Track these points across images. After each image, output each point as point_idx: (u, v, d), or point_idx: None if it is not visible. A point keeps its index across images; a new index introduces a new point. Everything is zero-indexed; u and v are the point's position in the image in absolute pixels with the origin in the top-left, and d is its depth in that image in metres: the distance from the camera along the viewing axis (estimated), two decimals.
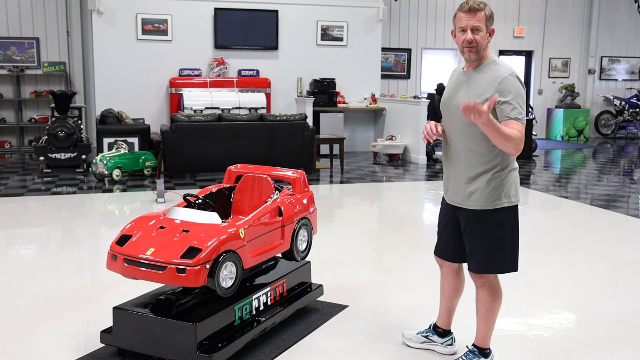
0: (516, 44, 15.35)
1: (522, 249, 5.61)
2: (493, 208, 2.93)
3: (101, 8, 10.79)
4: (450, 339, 3.40)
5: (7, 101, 12.00)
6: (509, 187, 2.94)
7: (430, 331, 3.43)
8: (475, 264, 3.04)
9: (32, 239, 5.97)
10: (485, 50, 2.93)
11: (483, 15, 2.85)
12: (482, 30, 2.86)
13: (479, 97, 2.85)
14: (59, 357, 3.27)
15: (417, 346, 3.42)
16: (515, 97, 2.81)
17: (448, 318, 3.40)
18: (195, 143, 8.82)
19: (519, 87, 2.84)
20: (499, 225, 2.95)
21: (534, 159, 11.84)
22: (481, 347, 3.15)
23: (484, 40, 2.89)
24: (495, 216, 2.94)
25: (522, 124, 2.79)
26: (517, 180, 3.01)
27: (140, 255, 3.02)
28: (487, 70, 2.89)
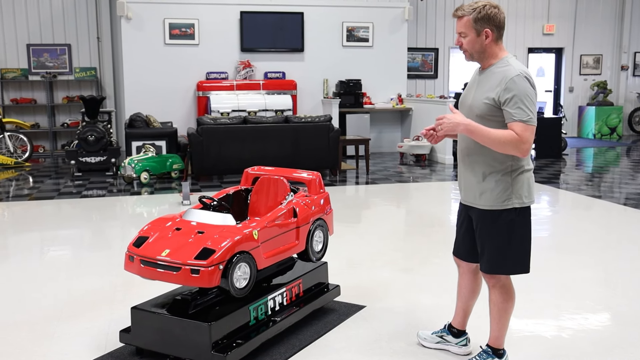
0: (546, 41, 15.14)
1: (548, 249, 5.60)
2: (503, 208, 2.92)
3: (130, 14, 10.99)
4: (464, 339, 3.40)
5: (41, 106, 12.31)
6: (520, 188, 2.92)
7: (445, 331, 3.43)
8: (485, 264, 3.03)
9: (61, 241, 6.12)
10: (488, 51, 2.92)
11: (467, 20, 2.90)
12: (468, 35, 2.91)
13: (483, 96, 2.87)
14: (79, 355, 3.36)
15: (431, 346, 3.43)
16: (518, 99, 2.78)
17: (463, 319, 3.40)
18: (221, 145, 8.92)
19: (524, 88, 2.80)
20: (509, 226, 2.94)
21: (564, 157, 11.67)
22: (495, 347, 3.14)
23: (472, 44, 2.92)
24: (505, 216, 2.93)
25: (525, 125, 2.77)
26: (530, 181, 2.98)
27: (156, 257, 3.09)
28: (497, 71, 2.89)
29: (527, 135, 2.77)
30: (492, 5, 2.90)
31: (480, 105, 2.89)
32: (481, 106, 2.89)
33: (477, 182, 2.98)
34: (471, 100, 2.97)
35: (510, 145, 2.77)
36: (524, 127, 2.77)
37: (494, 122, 2.87)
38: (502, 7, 2.95)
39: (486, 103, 2.87)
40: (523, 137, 2.77)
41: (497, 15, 2.89)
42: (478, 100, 2.91)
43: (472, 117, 2.92)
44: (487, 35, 2.89)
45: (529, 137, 2.78)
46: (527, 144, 2.78)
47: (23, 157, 10.97)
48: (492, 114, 2.87)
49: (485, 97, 2.87)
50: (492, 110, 2.86)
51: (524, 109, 2.78)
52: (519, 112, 2.78)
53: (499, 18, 2.90)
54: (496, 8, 2.91)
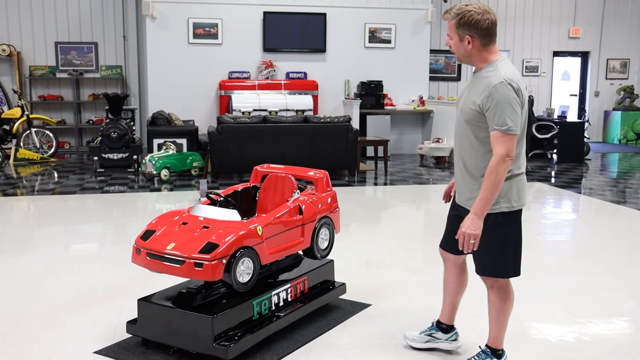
0: (571, 44, 15.00)
1: (564, 253, 5.57)
2: (492, 212, 2.90)
3: (155, 13, 11.16)
4: (454, 334, 3.41)
5: (67, 103, 12.56)
6: (509, 192, 2.91)
7: (434, 328, 3.43)
8: (477, 266, 3.06)
9: (82, 235, 6.27)
10: (475, 57, 2.90)
11: (451, 25, 2.90)
12: (453, 39, 2.91)
13: (470, 101, 2.89)
14: (88, 345, 3.45)
15: (421, 346, 3.42)
16: (500, 106, 2.75)
17: (451, 313, 3.41)
18: (241, 144, 9.02)
19: (506, 96, 2.74)
20: (497, 229, 2.93)
21: (586, 162, 11.54)
22: (494, 347, 3.15)
23: (457, 47, 2.91)
24: (494, 220, 2.91)
25: (503, 135, 2.75)
26: (521, 185, 2.96)
27: (162, 250, 3.16)
28: (485, 76, 2.86)
29: (506, 145, 2.76)
30: (477, 11, 2.82)
31: (468, 110, 2.91)
32: (468, 112, 2.90)
33: (468, 184, 2.99)
34: (462, 104, 2.99)
35: (500, 169, 2.76)
36: (503, 136, 2.76)
37: (479, 129, 2.88)
38: (492, 11, 2.87)
39: (472, 109, 2.87)
40: (500, 153, 2.75)
41: (480, 22, 2.81)
42: (466, 106, 2.93)
43: (462, 122, 2.95)
44: (469, 41, 2.86)
45: (508, 147, 2.76)
46: (510, 155, 2.76)
47: (49, 153, 11.20)
48: (478, 121, 2.87)
49: (472, 103, 2.88)
50: (477, 117, 2.86)
51: (504, 118, 2.75)
52: (499, 120, 2.76)
53: (481, 25, 2.81)
54: (481, 14, 2.82)
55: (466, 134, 2.95)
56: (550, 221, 6.99)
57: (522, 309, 4.10)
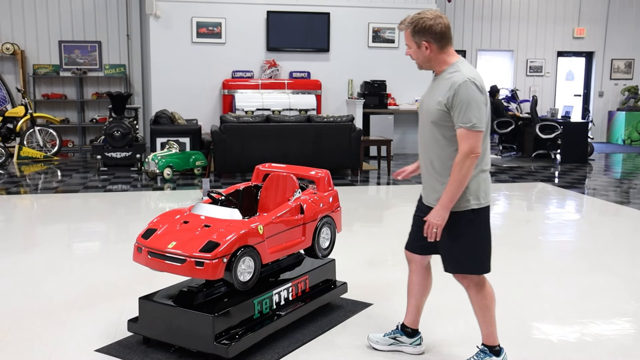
0: (576, 44, 14.97)
1: (567, 253, 5.56)
2: (461, 210, 2.95)
3: (158, 12, 11.17)
4: (418, 339, 3.41)
5: (71, 102, 12.58)
6: (477, 189, 2.95)
7: (399, 332, 3.42)
8: (448, 264, 3.09)
9: (85, 233, 6.28)
10: (434, 61, 2.97)
11: (407, 34, 2.99)
12: (411, 47, 3.00)
13: (435, 102, 2.93)
14: (89, 343, 3.46)
15: (384, 349, 3.40)
16: (464, 105, 2.82)
17: (416, 317, 3.41)
18: (244, 143, 9.02)
19: (471, 94, 2.82)
20: (467, 227, 2.97)
21: (590, 162, 11.52)
22: (490, 345, 3.16)
23: (417, 54, 2.99)
24: (463, 218, 2.96)
25: (468, 132, 2.82)
26: (487, 182, 3.02)
27: (163, 249, 3.16)
28: (447, 77, 2.92)
29: (471, 142, 2.82)
30: (429, 17, 2.92)
31: (433, 111, 2.95)
32: (434, 112, 2.95)
33: (436, 184, 3.02)
34: (426, 106, 3.04)
35: (465, 165, 2.83)
36: (468, 133, 2.83)
37: (446, 128, 2.92)
38: (444, 16, 2.97)
39: (438, 109, 2.92)
40: (465, 151, 2.83)
41: (433, 27, 2.90)
42: (431, 107, 2.98)
43: (427, 124, 3.00)
44: (427, 47, 2.94)
45: (473, 144, 2.82)
46: (475, 152, 2.83)
47: (52, 152, 11.22)
48: (444, 120, 2.92)
49: (436, 103, 2.92)
50: (443, 116, 2.91)
51: (468, 115, 2.82)
52: (464, 117, 2.83)
53: (435, 29, 2.90)
54: (433, 19, 2.91)
55: (433, 135, 2.99)
56: (553, 221, 6.97)
57: (523, 309, 4.10)
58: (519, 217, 7.35)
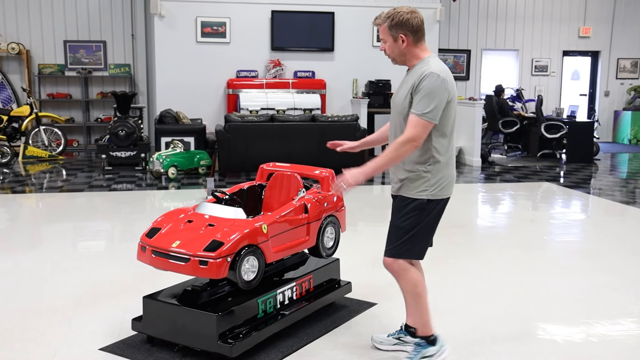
0: (581, 44, 14.91)
1: (572, 253, 5.55)
2: (415, 197, 3.08)
3: (163, 12, 11.18)
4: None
5: (76, 101, 12.61)
6: (436, 182, 3.06)
7: (402, 332, 3.41)
8: (390, 249, 3.18)
9: (90, 232, 6.29)
10: (408, 54, 3.06)
11: (383, 28, 3.07)
12: (387, 41, 3.08)
13: (404, 94, 3.04)
14: (94, 341, 3.46)
15: (388, 349, 3.40)
16: (424, 93, 2.92)
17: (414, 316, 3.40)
18: (248, 143, 9.03)
19: (433, 85, 2.91)
20: (415, 213, 3.08)
21: (596, 162, 11.47)
22: (425, 335, 3.19)
23: (392, 48, 3.07)
24: (415, 204, 3.08)
25: (418, 119, 2.92)
26: (449, 179, 3.11)
27: (167, 248, 3.16)
28: (417, 69, 3.03)
29: (417, 130, 2.92)
30: (405, 11, 3.02)
31: (402, 102, 3.05)
32: (403, 104, 3.04)
33: (400, 173, 3.12)
34: (397, 98, 3.13)
35: (402, 149, 2.94)
36: (418, 120, 2.92)
37: None
38: (418, 11, 3.06)
39: (406, 100, 3.01)
40: (409, 135, 2.93)
41: (410, 20, 3.00)
42: (400, 99, 3.07)
43: (397, 115, 3.10)
44: (403, 40, 3.03)
45: (419, 132, 2.92)
46: (417, 140, 2.93)
47: (57, 151, 11.24)
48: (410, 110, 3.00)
49: (405, 95, 3.02)
50: (410, 106, 2.99)
51: (424, 103, 2.91)
52: (419, 105, 2.93)
53: (412, 22, 3.00)
54: (410, 13, 3.01)
55: (401, 126, 3.07)
56: (559, 221, 6.95)
57: (528, 309, 4.09)
58: (524, 217, 7.33)
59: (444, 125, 3.02)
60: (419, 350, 3.20)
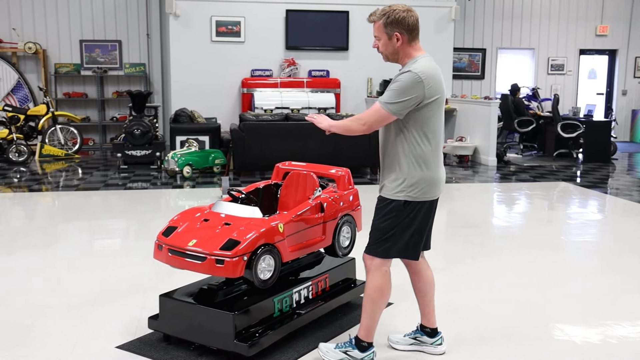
0: (599, 42, 14.76)
1: (589, 254, 5.49)
2: (392, 198, 3.06)
3: (178, 11, 11.22)
4: (439, 339, 3.38)
5: (92, 101, 12.68)
6: (414, 185, 3.01)
7: (419, 332, 3.40)
8: (368, 245, 3.15)
9: (105, 230, 6.32)
10: (401, 52, 3.05)
11: (378, 25, 3.04)
12: (381, 39, 3.06)
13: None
14: (110, 339, 3.47)
15: (405, 349, 3.40)
16: (395, 86, 2.92)
17: (429, 315, 3.40)
18: (263, 142, 9.03)
19: (406, 82, 2.89)
20: (393, 214, 3.05)
21: (613, 162, 11.36)
22: (360, 338, 3.16)
23: (386, 46, 3.06)
24: (393, 205, 3.05)
25: (377, 106, 2.94)
26: (430, 184, 3.05)
27: (183, 246, 3.16)
28: (405, 68, 3.00)
29: (373, 117, 2.95)
30: (401, 9, 2.99)
31: None
32: None
33: (384, 174, 3.13)
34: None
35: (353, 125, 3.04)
36: (378, 109, 2.94)
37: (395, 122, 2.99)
38: (413, 10, 3.03)
39: None
40: (363, 116, 3.00)
41: (405, 18, 2.98)
42: None
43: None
44: (398, 38, 3.01)
45: (373, 119, 2.96)
46: (368, 126, 2.98)
47: (73, 149, 11.31)
48: None
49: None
50: None
51: (390, 94, 2.91)
52: (386, 95, 2.94)
53: (408, 21, 2.98)
54: (406, 12, 2.99)
55: (384, 130, 3.11)
56: (576, 221, 6.88)
57: (546, 309, 4.05)
58: (541, 217, 7.27)
59: (423, 127, 2.97)
60: (347, 346, 3.18)
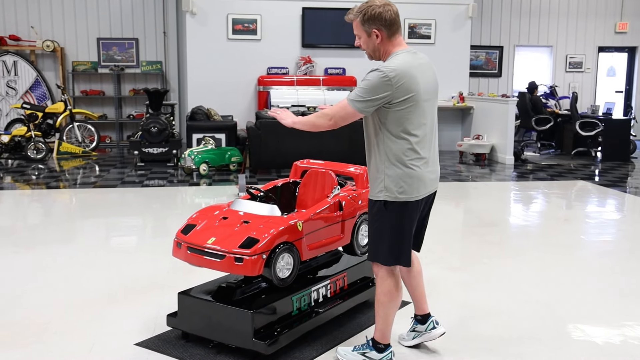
0: (618, 39, 14.60)
1: (607, 254, 5.42)
2: (375, 199, 2.99)
3: (194, 9, 11.24)
4: (430, 322, 3.36)
5: (109, 98, 12.75)
6: (392, 182, 2.92)
7: (415, 323, 3.41)
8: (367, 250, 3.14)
9: (122, 227, 6.35)
10: (382, 49, 2.98)
11: (356, 23, 2.98)
12: (361, 37, 3.00)
13: None
14: (129, 336, 3.48)
15: (410, 344, 3.40)
16: (362, 84, 2.86)
17: (419, 303, 3.39)
18: (279, 139, 9.02)
19: (373, 80, 2.82)
20: (376, 216, 2.99)
21: (632, 160, 11.23)
22: (376, 340, 3.13)
23: (367, 43, 3.00)
24: (375, 206, 2.99)
25: (344, 102, 2.89)
26: (412, 179, 2.92)
27: (202, 244, 3.16)
28: (376, 66, 2.93)
29: (339, 113, 2.91)
30: (378, 4, 2.91)
31: None
32: None
33: (369, 175, 3.09)
34: None
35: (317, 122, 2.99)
36: (344, 104, 2.90)
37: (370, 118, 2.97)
38: (392, 3, 2.93)
39: None
40: (329, 111, 2.94)
41: (382, 14, 2.89)
42: None
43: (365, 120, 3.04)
44: (377, 35, 2.94)
45: (340, 115, 2.91)
46: (334, 121, 2.93)
47: (90, 147, 11.39)
48: None
49: None
50: None
51: (357, 92, 2.86)
52: (353, 92, 2.88)
53: (384, 16, 2.90)
54: (382, 7, 2.90)
55: (365, 126, 3.08)
56: (595, 221, 6.81)
57: (566, 309, 4.00)
58: (559, 216, 7.20)
59: (402, 125, 2.88)
60: (364, 348, 3.16)
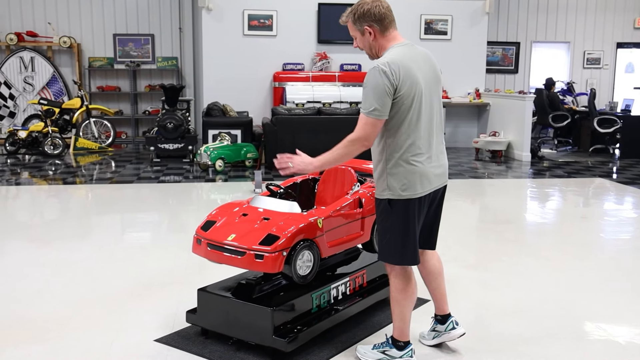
0: (637, 35, 14.42)
1: (627, 252, 5.35)
2: (380, 198, 2.97)
3: (210, 5, 11.25)
4: (450, 323, 3.33)
5: (125, 94, 12.80)
6: (395, 180, 2.89)
7: (435, 323, 3.38)
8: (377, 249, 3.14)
9: (139, 223, 6.37)
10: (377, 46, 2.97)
11: (350, 24, 3.00)
12: (356, 37, 3.01)
13: None
14: (148, 332, 3.49)
15: (430, 343, 3.38)
16: (367, 90, 2.81)
17: (439, 303, 3.36)
18: (295, 136, 9.01)
19: (373, 80, 2.78)
20: (382, 215, 2.97)
21: None
22: (395, 338, 3.11)
23: (363, 42, 3.00)
24: (380, 205, 2.97)
25: (365, 117, 2.80)
26: (414, 175, 2.89)
27: (222, 241, 3.16)
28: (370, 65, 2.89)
29: (366, 129, 2.80)
30: (367, 2, 2.91)
31: None
32: None
33: (374, 173, 3.05)
34: None
35: (349, 149, 2.84)
36: (365, 119, 2.80)
37: None
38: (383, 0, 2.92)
39: None
40: (355, 136, 2.81)
41: (371, 10, 2.89)
42: None
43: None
44: (370, 32, 2.94)
45: (368, 131, 2.80)
46: (367, 139, 2.81)
47: (106, 143, 11.45)
48: None
49: None
50: None
51: (368, 101, 2.79)
52: (364, 103, 2.81)
53: (373, 12, 2.90)
54: (371, 3, 2.90)
55: None
56: (614, 218, 6.74)
57: (588, 308, 3.96)
58: (577, 214, 7.13)
59: (396, 120, 2.85)
60: (384, 346, 3.15)
